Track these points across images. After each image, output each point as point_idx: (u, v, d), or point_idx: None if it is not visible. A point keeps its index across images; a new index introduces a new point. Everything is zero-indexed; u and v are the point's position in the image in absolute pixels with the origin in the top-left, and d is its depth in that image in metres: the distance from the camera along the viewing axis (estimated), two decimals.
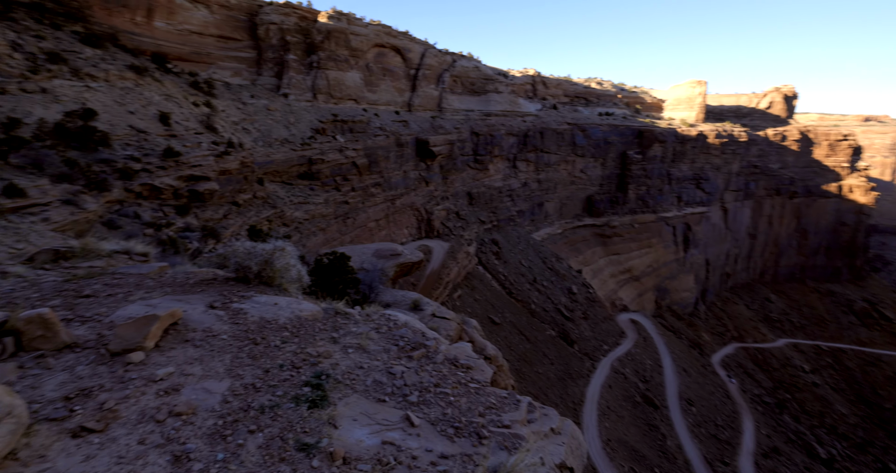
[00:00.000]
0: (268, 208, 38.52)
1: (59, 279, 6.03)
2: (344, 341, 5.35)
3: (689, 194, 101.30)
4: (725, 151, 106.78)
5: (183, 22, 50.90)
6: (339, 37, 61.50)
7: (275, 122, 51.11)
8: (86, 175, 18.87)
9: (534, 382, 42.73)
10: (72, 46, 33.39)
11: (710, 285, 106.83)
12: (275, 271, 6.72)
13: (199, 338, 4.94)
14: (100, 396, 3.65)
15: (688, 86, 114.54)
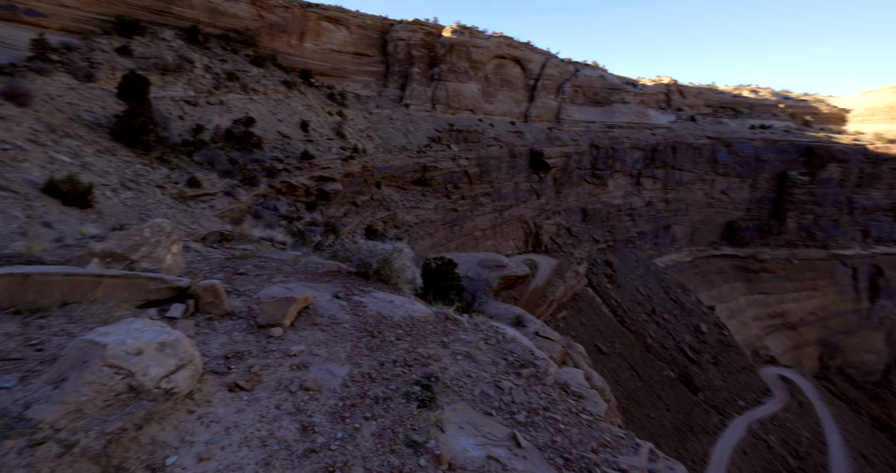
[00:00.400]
0: (382, 209, 41.59)
1: (222, 257, 7.32)
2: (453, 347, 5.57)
3: (881, 229, 78.59)
4: None
5: (327, 42, 58.37)
6: (461, 50, 64.38)
7: (395, 130, 55.12)
8: (242, 172, 22.66)
9: (643, 427, 38.71)
10: (243, 67, 40.32)
11: None
12: (392, 270, 7.29)
13: (325, 323, 5.55)
14: (249, 360, 4.33)
15: (887, 91, 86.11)
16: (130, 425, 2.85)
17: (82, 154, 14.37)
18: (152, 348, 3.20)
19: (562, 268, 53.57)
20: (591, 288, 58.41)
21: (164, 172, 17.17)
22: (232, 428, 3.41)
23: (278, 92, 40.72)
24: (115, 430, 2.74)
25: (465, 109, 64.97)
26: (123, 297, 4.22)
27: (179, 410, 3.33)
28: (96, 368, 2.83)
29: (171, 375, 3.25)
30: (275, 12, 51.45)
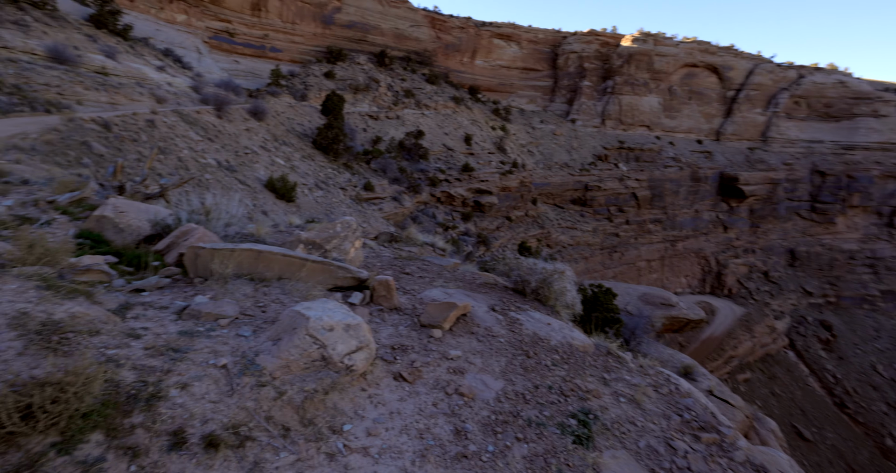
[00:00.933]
0: (536, 227, 41.56)
1: (391, 256, 8.23)
2: (615, 386, 5.23)
3: None
4: None
5: (496, 58, 61.63)
6: (641, 59, 60.78)
7: (558, 146, 54.66)
8: (408, 180, 25.53)
9: None
10: (419, 85, 45.41)
11: None
12: (551, 291, 7.21)
13: (481, 334, 5.76)
14: (411, 355, 4.74)
15: None
16: (320, 388, 3.39)
17: (292, 158, 18.22)
18: (340, 328, 3.76)
19: (750, 319, 45.61)
20: (794, 352, 48.05)
21: (346, 177, 20.67)
22: (395, 414, 3.78)
23: (447, 107, 44.46)
24: (310, 389, 3.31)
25: (640, 124, 61.00)
26: (318, 280, 5.10)
27: (355, 386, 3.83)
28: (302, 335, 3.46)
29: (351, 354, 3.77)
30: (451, 33, 56.75)
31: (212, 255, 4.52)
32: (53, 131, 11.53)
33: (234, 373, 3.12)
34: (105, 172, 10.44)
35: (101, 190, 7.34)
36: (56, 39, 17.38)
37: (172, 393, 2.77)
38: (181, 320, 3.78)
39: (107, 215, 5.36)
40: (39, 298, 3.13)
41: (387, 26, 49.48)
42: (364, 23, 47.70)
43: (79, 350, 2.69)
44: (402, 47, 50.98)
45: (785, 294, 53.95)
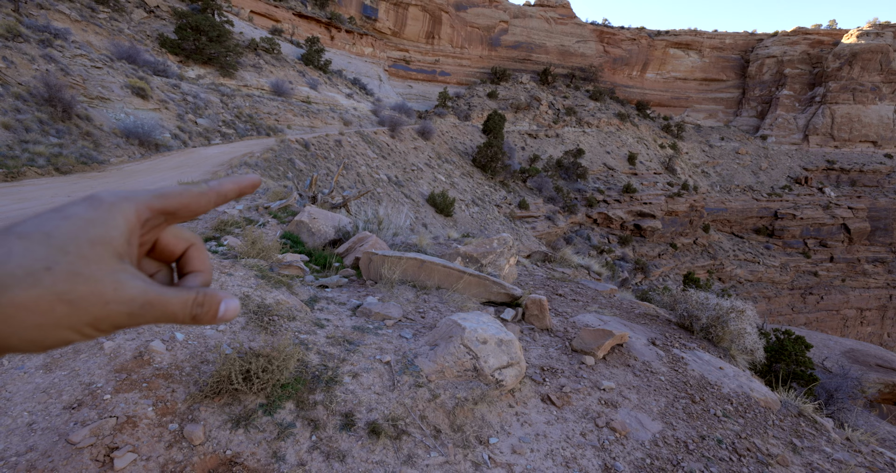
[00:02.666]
0: (706, 257, 36.47)
1: (544, 276, 8.03)
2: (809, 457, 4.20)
3: None
4: None
5: (671, 70, 56.17)
6: (870, 59, 48.84)
7: (740, 166, 47.33)
8: (564, 199, 24.72)
9: None
10: (582, 102, 44.04)
11: None
12: (726, 332, 6.18)
13: (638, 368, 5.21)
14: (561, 379, 4.51)
15: None
16: (470, 398, 3.43)
17: (452, 175, 19.29)
18: (493, 342, 3.77)
19: None
20: None
21: (502, 194, 21.00)
22: (541, 436, 3.62)
23: (610, 124, 42.16)
24: (461, 397, 3.37)
25: (861, 140, 49.15)
26: (473, 292, 5.21)
27: (503, 401, 3.79)
28: (457, 344, 3.56)
29: (502, 369, 3.75)
30: (620, 46, 53.76)
31: (382, 261, 4.99)
32: (270, 151, 14.15)
33: (395, 370, 3.35)
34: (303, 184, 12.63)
35: (300, 199, 8.83)
36: (277, 77, 21.67)
37: (346, 380, 3.08)
38: (355, 316, 4.20)
39: (303, 221, 6.39)
40: (257, 285, 3.86)
41: (552, 44, 49.59)
42: (529, 42, 48.68)
43: (281, 331, 3.24)
44: (567, 64, 50.39)
45: None
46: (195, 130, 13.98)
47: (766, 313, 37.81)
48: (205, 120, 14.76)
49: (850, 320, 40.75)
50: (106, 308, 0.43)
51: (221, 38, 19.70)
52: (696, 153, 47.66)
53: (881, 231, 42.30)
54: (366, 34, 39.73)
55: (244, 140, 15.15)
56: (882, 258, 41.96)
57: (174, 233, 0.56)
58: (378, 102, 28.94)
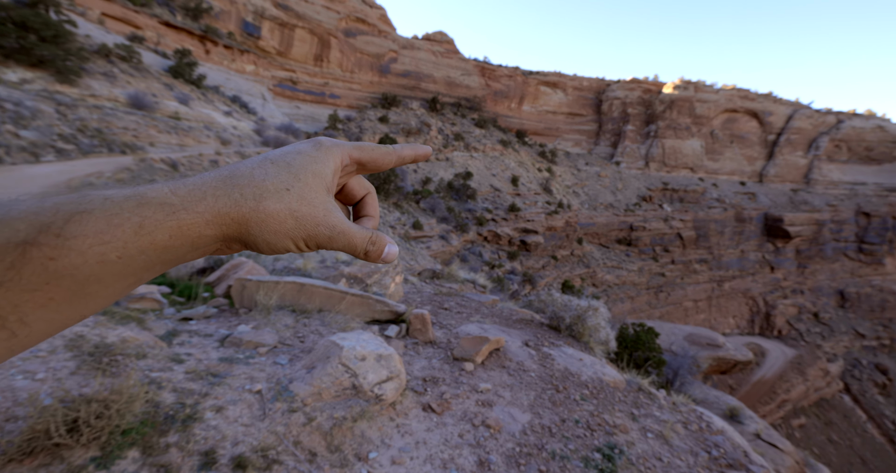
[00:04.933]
0: (581, 266, 40.15)
1: (431, 292, 8.19)
2: (644, 422, 4.82)
3: None
4: None
5: (543, 104, 62.24)
6: (683, 105, 59.32)
7: (603, 187, 53.46)
8: (456, 219, 25.51)
9: None
10: (468, 129, 46.38)
11: None
12: (585, 328, 6.86)
13: (512, 368, 5.53)
14: (442, 387, 4.61)
15: None
16: (349, 416, 3.34)
17: None
18: (372, 358, 3.74)
19: (802, 362, 41.02)
20: (850, 396, 42.61)
21: (396, 215, 20.93)
22: (420, 444, 3.64)
23: (495, 150, 45.03)
24: (339, 417, 3.26)
25: (683, 167, 58.78)
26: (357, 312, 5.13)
27: (383, 415, 3.75)
28: (334, 364, 3.46)
29: (382, 383, 3.72)
30: (500, 81, 58.25)
31: (257, 287, 4.67)
32: (126, 170, 11.91)
33: (267, 398, 3.12)
34: None
35: None
36: (137, 88, 18.14)
37: (207, 415, 2.78)
38: (223, 347, 3.84)
39: None
40: (95, 322, 3.35)
41: (439, 75, 51.42)
42: (418, 72, 49.66)
43: (125, 372, 2.78)
44: (453, 94, 52.63)
45: (837, 336, 48.49)
46: (16, 143, 11.05)
47: (631, 311, 42.76)
48: (31, 132, 11.75)
49: (689, 310, 47.85)
50: (316, 229, 0.53)
51: (59, 39, 16.12)
52: (568, 176, 52.83)
53: (703, 238, 50.91)
54: (247, 51, 36.95)
55: (90, 157, 12.23)
56: (705, 259, 50.37)
57: (358, 181, 0.66)
58: (262, 121, 26.49)
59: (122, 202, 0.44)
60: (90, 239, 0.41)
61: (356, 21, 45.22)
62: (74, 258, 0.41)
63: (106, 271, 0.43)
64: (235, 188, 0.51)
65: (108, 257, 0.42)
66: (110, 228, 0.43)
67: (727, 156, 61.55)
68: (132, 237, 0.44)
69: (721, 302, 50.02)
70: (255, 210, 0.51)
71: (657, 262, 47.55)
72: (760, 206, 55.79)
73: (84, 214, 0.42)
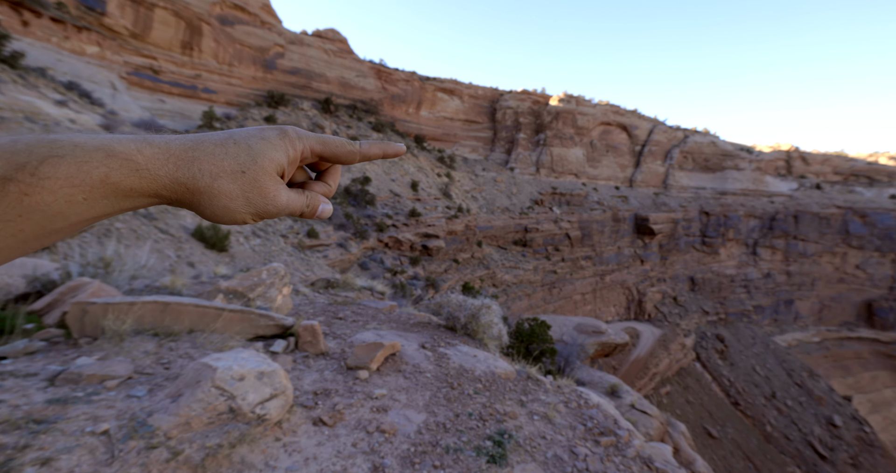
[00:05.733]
0: (482, 268, 41.90)
1: (325, 302, 7.92)
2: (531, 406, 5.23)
3: None
4: None
5: (440, 110, 63.93)
6: (567, 117, 65.62)
7: (499, 192, 56.57)
8: (355, 226, 24.87)
9: None
10: (365, 132, 45.68)
11: None
12: (479, 325, 7.20)
13: (409, 371, 5.60)
14: (334, 398, 4.49)
15: None
16: (226, 443, 3.08)
17: None
18: (253, 376, 3.51)
19: (666, 339, 47.90)
20: (700, 363, 50.98)
21: (288, 224, 19.56)
22: (311, 459, 3.51)
23: None
24: (213, 445, 2.99)
25: (569, 173, 64.87)
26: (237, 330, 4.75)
27: (268, 436, 3.53)
28: (206, 388, 3.17)
29: (265, 402, 3.51)
30: (397, 85, 58.28)
31: (104, 310, 3.98)
32: None
33: (117, 439, 2.72)
34: None
35: None
36: None
37: (27, 471, 2.33)
38: (53, 386, 3.27)
39: None
40: None
41: (332, 75, 49.05)
42: (309, 70, 46.29)
43: None
44: (348, 96, 50.82)
45: (690, 315, 58.28)
46: None
47: (528, 307, 45.86)
48: None
49: (577, 302, 52.91)
50: (265, 207, 0.61)
51: None
52: (466, 181, 54.94)
53: (587, 237, 56.89)
54: (87, 29, 30.42)
55: None
56: (590, 256, 56.31)
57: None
58: (112, 115, 21.88)
59: (91, 152, 0.50)
60: (61, 181, 0.47)
61: (234, 8, 40.55)
62: (46, 196, 0.47)
63: (72, 210, 0.49)
64: (195, 163, 0.57)
65: (75, 198, 0.49)
66: (80, 174, 0.48)
67: (604, 163, 69.52)
68: (98, 184, 0.50)
69: (604, 293, 56.22)
70: (210, 187, 0.57)
71: (550, 260, 51.73)
72: (631, 207, 63.99)
73: (56, 158, 0.48)
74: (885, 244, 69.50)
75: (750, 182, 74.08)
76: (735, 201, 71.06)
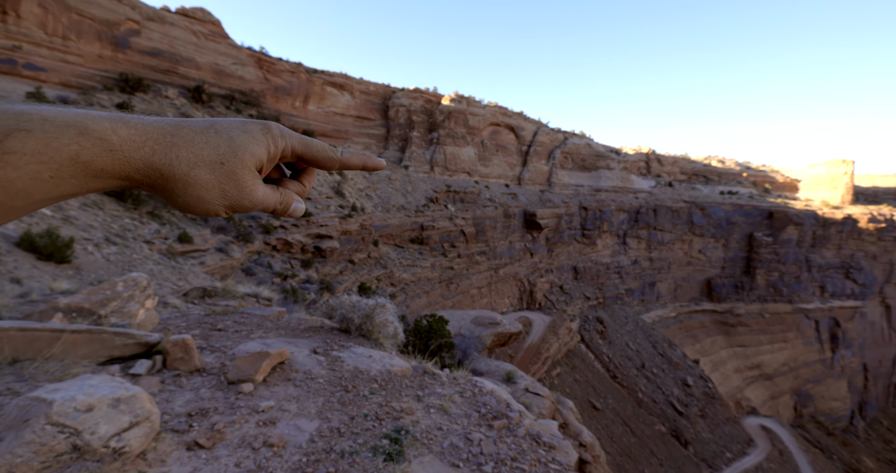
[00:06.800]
0: (379, 267, 41.47)
1: (202, 313, 7.17)
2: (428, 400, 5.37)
3: (835, 285, 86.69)
4: (884, 237, 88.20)
5: (330, 105, 61.57)
6: (459, 117, 68.05)
7: (394, 190, 56.51)
8: (237, 228, 22.82)
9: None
10: None
11: (870, 397, 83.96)
12: (374, 325, 7.15)
13: (299, 379, 5.36)
14: (213, 417, 4.13)
15: (830, 165, 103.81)
16: None
17: (65, 207, 14.04)
18: (105, 404, 3.06)
19: (555, 325, 52.67)
20: (584, 344, 57.25)
21: (153, 227, 17.02)
22: None
23: None
24: None
25: (462, 171, 67.33)
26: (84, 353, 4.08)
27: (128, 470, 3.12)
28: (38, 426, 2.68)
29: (123, 433, 3.09)
30: (281, 76, 54.53)
31: None
32: None
33: None
34: None
35: None
36: None
37: None
38: None
39: None
40: None
41: (204, 60, 43.80)
42: (174, 53, 40.63)
43: None
44: (224, 85, 46.11)
45: (574, 301, 65.43)
46: None
47: (428, 304, 46.70)
48: None
49: (475, 296, 55.41)
50: (241, 201, 0.61)
51: None
52: (360, 179, 53.83)
53: (481, 233, 59.81)
54: None
55: None
56: (484, 251, 59.34)
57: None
58: None
59: (62, 127, 0.47)
60: (27, 157, 0.45)
61: None
62: (10, 172, 0.44)
63: (36, 187, 0.46)
64: (174, 149, 0.56)
65: (41, 175, 0.46)
66: (48, 150, 0.46)
67: (495, 162, 73.62)
68: (67, 162, 0.47)
69: (498, 286, 59.73)
70: (186, 175, 0.56)
71: (446, 257, 53.27)
72: (520, 204, 68.86)
73: (24, 132, 0.45)
74: (718, 232, 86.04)
75: (619, 180, 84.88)
76: (608, 197, 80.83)
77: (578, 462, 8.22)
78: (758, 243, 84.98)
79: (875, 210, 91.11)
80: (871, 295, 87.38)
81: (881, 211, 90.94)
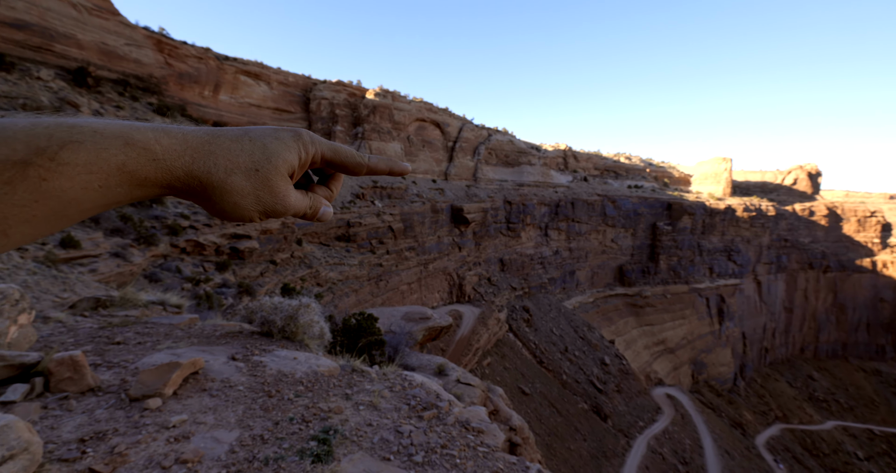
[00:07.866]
0: (304, 267, 39.75)
1: (95, 326, 6.39)
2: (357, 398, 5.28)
3: (720, 266, 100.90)
4: (755, 224, 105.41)
5: (244, 96, 57.43)
6: (384, 112, 67.08)
7: None
8: (137, 230, 20.51)
9: (565, 459, 39.47)
10: (144, 115, 38.00)
11: (748, 361, 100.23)
12: (298, 326, 6.86)
13: (216, 388, 5.01)
14: (112, 440, 3.72)
15: (714, 162, 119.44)
16: None
17: None
18: None
19: (485, 316, 54.35)
20: (512, 333, 59.83)
21: None
22: None
23: None
24: None
25: None
26: None
27: None
28: None
29: None
30: (186, 62, 49.76)
31: None
32: None
33: None
34: None
35: None
36: None
37: None
38: None
39: None
40: None
41: (87, 39, 38.19)
42: (47, 27, 35.19)
43: None
44: (116, 68, 40.78)
45: (501, 292, 68.17)
46: None
47: (357, 303, 45.71)
48: None
49: (405, 292, 55.28)
50: (274, 206, 0.64)
51: None
52: None
53: (409, 228, 59.67)
54: None
55: None
56: (413, 246, 59.37)
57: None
58: None
59: (110, 139, 0.51)
60: (79, 168, 0.48)
61: None
62: (63, 182, 0.47)
63: (87, 196, 0.50)
64: (211, 157, 0.59)
65: (91, 185, 0.49)
66: (98, 161, 0.49)
67: (421, 158, 73.70)
68: (115, 172, 0.51)
69: (428, 281, 60.15)
70: (223, 182, 0.59)
71: (375, 254, 52.50)
72: (448, 199, 69.74)
73: (76, 144, 0.48)
74: (627, 222, 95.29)
75: (540, 175, 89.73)
76: (530, 191, 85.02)
77: (509, 445, 8.58)
78: (660, 231, 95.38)
79: (748, 201, 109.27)
80: (746, 274, 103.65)
81: (752, 202, 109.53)
